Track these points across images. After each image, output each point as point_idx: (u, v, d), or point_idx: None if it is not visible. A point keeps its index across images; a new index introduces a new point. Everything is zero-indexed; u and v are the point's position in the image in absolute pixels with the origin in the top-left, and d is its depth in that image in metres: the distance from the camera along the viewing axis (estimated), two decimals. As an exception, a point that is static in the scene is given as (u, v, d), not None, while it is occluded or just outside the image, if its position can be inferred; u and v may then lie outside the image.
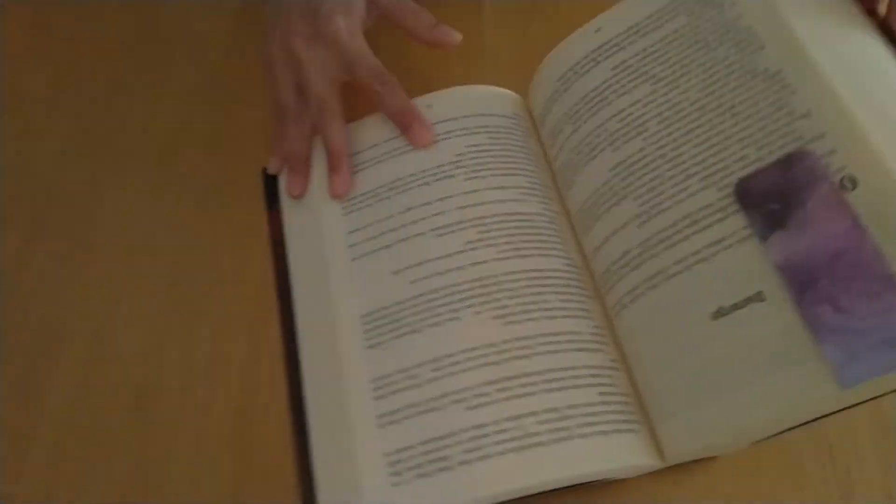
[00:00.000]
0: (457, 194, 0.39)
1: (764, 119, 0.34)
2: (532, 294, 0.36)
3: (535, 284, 0.37)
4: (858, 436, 0.37)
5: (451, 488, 0.32)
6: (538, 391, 0.33)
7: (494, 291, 0.36)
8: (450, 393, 0.34)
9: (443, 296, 0.36)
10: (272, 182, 0.45)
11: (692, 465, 0.36)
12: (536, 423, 0.33)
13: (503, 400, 0.33)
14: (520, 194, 0.40)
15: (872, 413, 0.37)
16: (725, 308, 0.32)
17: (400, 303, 0.37)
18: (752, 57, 0.36)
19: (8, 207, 0.45)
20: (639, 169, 0.37)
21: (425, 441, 0.33)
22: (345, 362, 0.36)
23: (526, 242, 0.38)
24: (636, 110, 0.38)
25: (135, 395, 0.39)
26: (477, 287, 0.36)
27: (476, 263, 0.37)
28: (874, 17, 0.36)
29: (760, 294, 0.31)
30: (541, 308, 0.36)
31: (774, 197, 0.32)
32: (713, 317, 0.33)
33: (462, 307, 0.36)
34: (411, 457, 0.33)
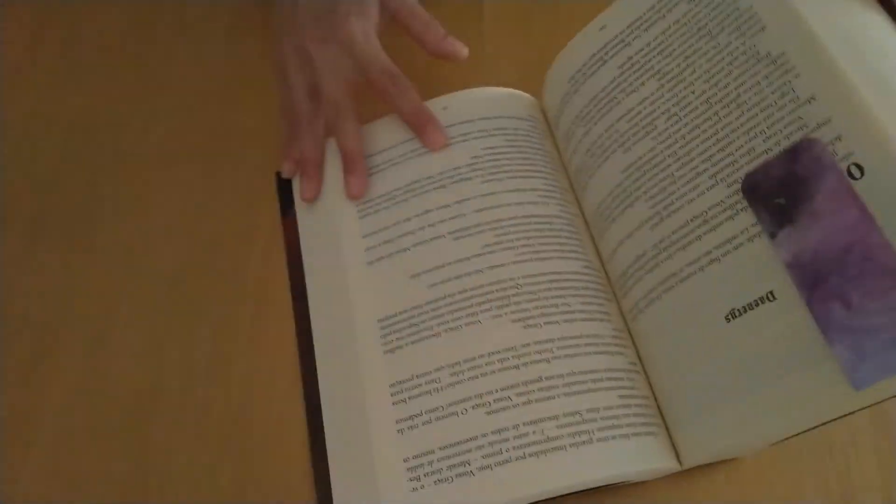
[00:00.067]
0: (474, 197, 0.39)
1: (769, 107, 0.32)
2: (551, 297, 0.36)
3: (554, 287, 0.36)
4: (858, 436, 0.37)
5: (470, 494, 0.32)
6: (558, 395, 0.33)
7: (513, 295, 0.36)
8: (469, 397, 0.34)
9: (461, 300, 0.36)
10: (286, 186, 0.44)
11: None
12: (556, 427, 0.33)
13: (523, 404, 0.33)
14: (537, 197, 0.40)
15: (872, 413, 0.37)
16: (738, 309, 0.31)
17: (418, 307, 0.37)
18: (754, 40, 0.34)
19: (8, 207, 0.45)
20: (649, 170, 0.36)
21: (445, 446, 0.33)
22: (362, 367, 0.36)
23: (544, 245, 0.38)
24: (644, 109, 0.38)
25: (135, 395, 0.39)
26: (495, 290, 0.36)
27: (494, 267, 0.37)
28: None
29: (772, 294, 0.30)
30: (560, 311, 0.36)
31: (781, 191, 0.31)
32: (727, 319, 0.32)
33: (481, 311, 0.36)
34: (430, 462, 0.33)
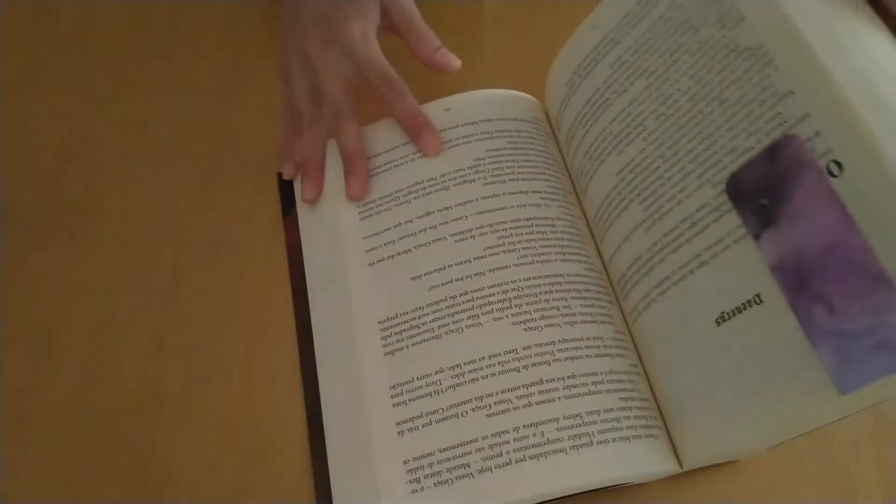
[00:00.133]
0: (476, 199, 0.39)
1: (751, 103, 0.32)
2: (553, 299, 0.36)
3: (555, 290, 0.36)
4: (858, 436, 0.37)
5: (470, 496, 0.32)
6: (559, 397, 0.33)
7: (514, 297, 0.36)
8: (470, 399, 0.34)
9: (462, 302, 0.36)
10: (287, 186, 0.44)
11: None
12: (557, 429, 0.33)
13: (523, 406, 0.33)
14: (540, 199, 0.39)
15: (872, 413, 0.37)
16: (727, 313, 0.31)
17: (418, 309, 0.37)
18: (735, 33, 0.33)
19: (8, 207, 0.45)
20: (641, 171, 0.36)
21: (445, 448, 0.33)
22: (362, 369, 0.36)
23: (546, 247, 0.38)
24: (634, 109, 0.37)
25: (135, 395, 0.39)
26: (497, 293, 0.36)
27: (496, 269, 0.37)
28: None
29: (758, 297, 0.30)
30: (562, 313, 0.36)
31: (764, 191, 0.30)
32: (717, 322, 0.31)
33: (482, 313, 0.36)
34: (430, 464, 0.33)
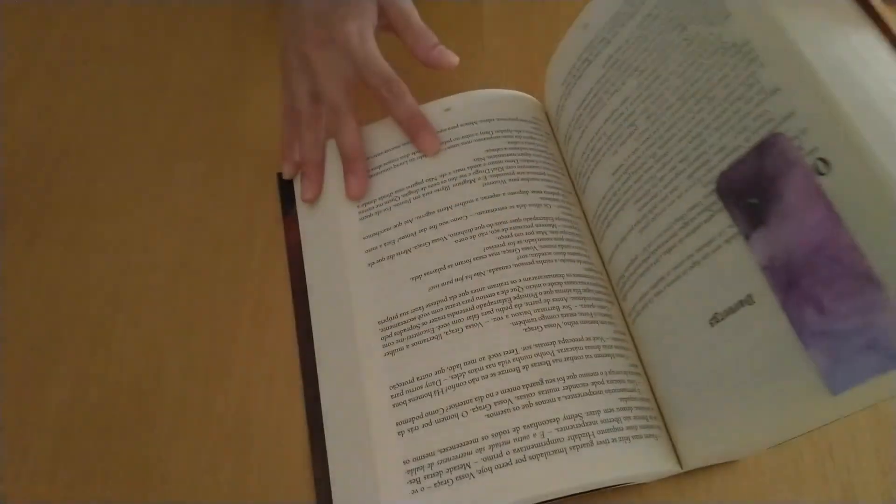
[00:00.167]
0: (476, 199, 0.39)
1: (738, 100, 0.31)
2: (553, 299, 0.36)
3: (555, 290, 0.36)
4: (858, 436, 0.37)
5: (470, 496, 0.32)
6: (559, 397, 0.33)
7: (514, 297, 0.36)
8: (470, 400, 0.34)
9: (462, 302, 0.36)
10: (288, 185, 0.44)
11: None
12: (557, 429, 0.33)
13: (523, 407, 0.33)
14: (540, 199, 0.39)
15: (872, 413, 0.37)
16: (720, 313, 0.31)
17: (418, 309, 0.37)
18: (721, 29, 0.32)
19: (8, 207, 0.45)
20: (634, 172, 0.36)
21: (445, 448, 0.33)
22: (363, 369, 0.36)
23: (546, 247, 0.38)
24: (626, 109, 0.37)
25: (135, 395, 0.39)
26: (497, 293, 0.36)
27: (496, 269, 0.37)
28: None
29: (750, 297, 0.29)
30: (562, 314, 0.36)
31: (752, 190, 0.29)
32: (710, 323, 0.31)
33: (482, 313, 0.36)
34: (430, 464, 0.33)
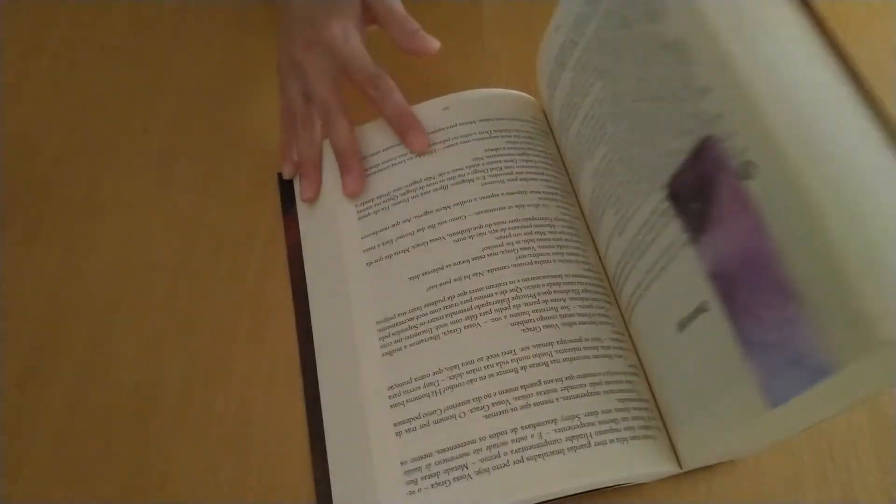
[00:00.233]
0: (475, 199, 0.39)
1: (680, 101, 0.29)
2: (551, 300, 0.36)
3: (554, 290, 0.36)
4: (858, 436, 0.37)
5: (468, 497, 0.32)
6: (557, 398, 0.33)
7: (513, 298, 0.36)
8: (467, 400, 0.34)
9: (460, 302, 0.36)
10: (287, 186, 0.44)
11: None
12: (555, 430, 0.32)
13: (521, 407, 0.33)
14: (539, 199, 0.39)
15: (872, 413, 0.37)
16: (683, 319, 0.30)
17: (417, 309, 0.37)
18: (661, 27, 0.31)
19: (8, 207, 0.45)
20: (608, 176, 0.35)
21: (442, 449, 0.33)
22: (361, 369, 0.36)
23: (545, 248, 0.38)
24: (595, 111, 0.36)
25: (135, 395, 0.39)
26: (495, 293, 0.36)
27: (494, 269, 0.37)
28: None
29: (705, 304, 0.28)
30: (560, 314, 0.35)
31: (695, 194, 0.28)
32: (678, 328, 0.31)
33: (480, 314, 0.36)
34: (428, 465, 0.33)
